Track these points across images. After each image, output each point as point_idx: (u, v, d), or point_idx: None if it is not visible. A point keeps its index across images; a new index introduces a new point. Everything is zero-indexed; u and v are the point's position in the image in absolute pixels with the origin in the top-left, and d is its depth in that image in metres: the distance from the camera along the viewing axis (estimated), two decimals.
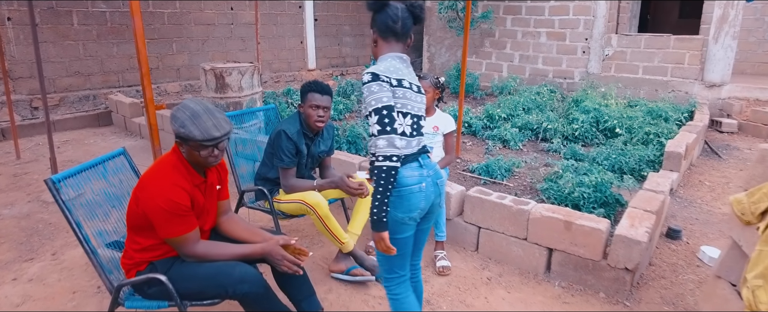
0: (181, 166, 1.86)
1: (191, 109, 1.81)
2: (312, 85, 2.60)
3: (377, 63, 1.77)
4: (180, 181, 1.81)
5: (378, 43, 1.80)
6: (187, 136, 1.77)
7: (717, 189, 4.29)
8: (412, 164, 1.75)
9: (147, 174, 1.85)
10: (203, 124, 1.78)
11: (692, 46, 7.30)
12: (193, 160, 1.86)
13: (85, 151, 5.13)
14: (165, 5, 7.37)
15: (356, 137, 4.91)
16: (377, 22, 1.77)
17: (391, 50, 1.79)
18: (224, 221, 2.09)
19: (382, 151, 1.61)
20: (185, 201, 1.80)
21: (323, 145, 2.78)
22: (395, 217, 1.73)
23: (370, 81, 1.65)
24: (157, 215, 1.76)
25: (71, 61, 6.56)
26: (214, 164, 1.90)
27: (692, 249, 3.14)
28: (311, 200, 2.49)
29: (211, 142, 1.78)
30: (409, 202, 1.73)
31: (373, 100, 1.63)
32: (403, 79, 1.74)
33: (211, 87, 4.65)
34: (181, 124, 1.77)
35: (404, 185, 1.71)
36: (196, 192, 1.88)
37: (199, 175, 1.91)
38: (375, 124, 1.63)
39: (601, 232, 2.52)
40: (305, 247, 3.02)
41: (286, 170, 2.57)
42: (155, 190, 1.77)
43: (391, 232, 1.74)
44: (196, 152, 1.81)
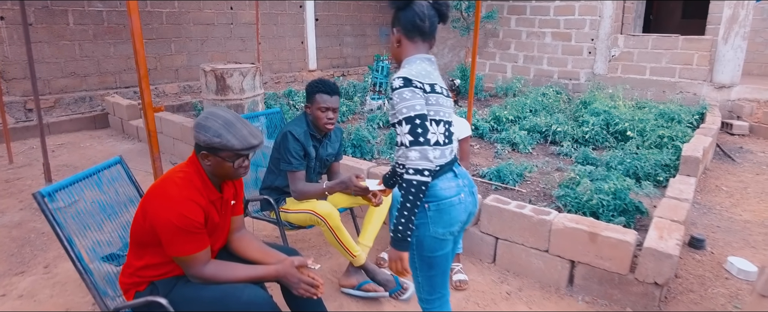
0: (197, 180, 1.71)
1: (223, 117, 1.68)
2: (319, 85, 2.45)
3: (405, 66, 1.62)
4: (195, 196, 1.66)
5: (402, 43, 1.66)
6: (223, 146, 1.64)
7: (735, 194, 4.15)
8: (447, 175, 1.62)
9: (158, 185, 1.70)
10: (240, 132, 1.67)
11: (701, 47, 7.17)
12: (219, 173, 1.72)
13: (80, 155, 4.96)
14: (163, 5, 7.21)
15: (361, 140, 4.76)
16: (402, 20, 1.63)
17: (418, 51, 1.64)
18: (236, 239, 1.94)
19: (413, 164, 1.46)
20: (199, 217, 1.65)
21: (331, 148, 2.63)
22: (435, 233, 1.59)
23: (402, 87, 1.50)
24: (167, 231, 1.61)
25: (67, 61, 6.39)
26: (243, 176, 1.78)
27: (718, 259, 3.00)
28: (322, 211, 2.34)
29: (249, 151, 1.68)
30: (450, 215, 1.59)
31: (405, 107, 1.49)
32: (435, 83, 1.61)
33: (211, 89, 4.50)
34: (215, 134, 1.64)
35: (443, 198, 1.58)
36: (211, 208, 1.73)
37: (215, 190, 1.76)
38: (407, 134, 1.48)
39: (629, 245, 2.37)
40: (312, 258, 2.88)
41: (295, 174, 2.41)
42: (167, 203, 1.61)
43: (429, 250, 1.61)
44: (229, 163, 1.68)
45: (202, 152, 1.69)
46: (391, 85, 1.53)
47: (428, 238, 1.59)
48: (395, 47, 1.68)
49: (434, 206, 1.57)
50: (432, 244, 1.60)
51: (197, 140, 1.68)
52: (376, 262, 2.79)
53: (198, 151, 1.71)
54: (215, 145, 1.64)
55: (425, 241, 1.60)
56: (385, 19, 10.95)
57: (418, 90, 1.52)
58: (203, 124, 1.67)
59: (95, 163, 4.70)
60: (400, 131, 1.51)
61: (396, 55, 1.69)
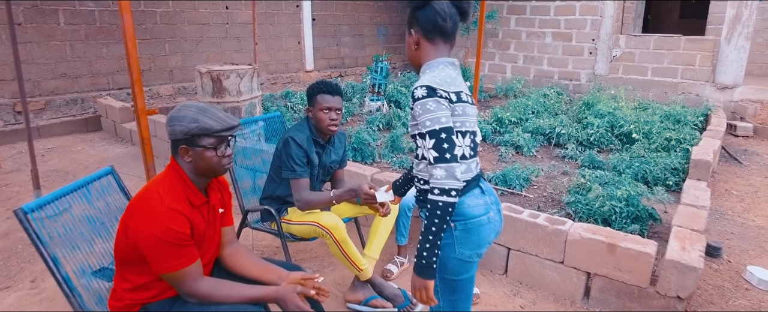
0: (179, 185, 1.58)
1: (195, 105, 1.60)
2: (321, 85, 2.32)
3: (426, 71, 1.48)
4: (179, 204, 1.53)
5: (421, 45, 1.50)
6: (203, 130, 1.54)
7: (746, 199, 4.06)
8: (474, 191, 1.48)
9: (137, 198, 1.56)
10: (215, 114, 1.59)
11: (704, 47, 7.09)
12: (203, 169, 1.60)
13: (71, 160, 4.80)
14: (157, 4, 7.04)
15: (362, 143, 4.63)
16: (421, 20, 1.47)
17: (439, 54, 1.49)
18: (229, 254, 1.80)
19: (439, 183, 1.33)
20: (184, 228, 1.51)
21: (335, 154, 2.50)
22: (461, 255, 1.46)
23: (426, 97, 1.36)
24: (150, 246, 1.47)
25: (58, 62, 6.21)
26: (228, 168, 1.66)
27: (736, 268, 2.89)
28: (327, 223, 2.20)
29: (229, 132, 1.58)
30: (479, 236, 1.47)
31: (429, 120, 1.35)
32: (461, 91, 1.47)
33: (207, 91, 4.35)
34: (191, 120, 1.54)
35: (471, 217, 1.45)
36: (197, 216, 1.60)
37: (201, 194, 1.63)
38: (431, 150, 1.35)
39: (650, 256, 2.26)
40: (316, 271, 2.75)
41: (299, 181, 2.27)
42: (147, 216, 1.48)
43: (453, 272, 1.48)
44: (212, 152, 1.57)
45: (181, 147, 1.57)
46: (412, 95, 1.39)
47: (453, 260, 1.47)
48: (413, 50, 1.52)
49: (461, 225, 1.44)
50: (457, 266, 1.48)
51: (173, 135, 1.57)
52: (383, 274, 2.66)
53: (176, 149, 1.59)
54: (193, 131, 1.54)
55: (449, 263, 1.47)
56: (383, 18, 10.82)
57: (444, 100, 1.38)
58: (176, 115, 1.57)
59: (87, 168, 4.54)
60: (422, 145, 1.38)
61: (414, 59, 1.54)
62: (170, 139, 1.60)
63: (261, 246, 3.00)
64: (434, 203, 1.34)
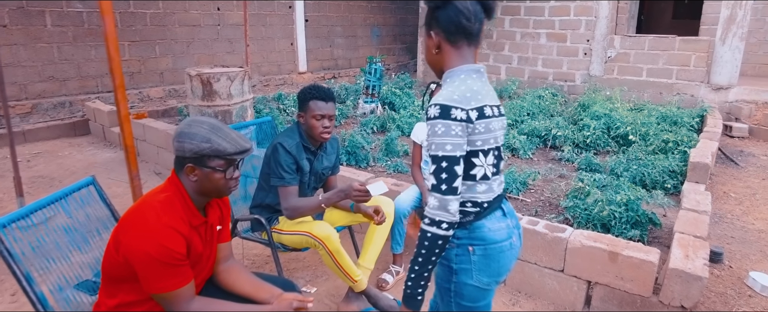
0: (178, 203, 1.50)
1: (208, 122, 1.51)
2: (313, 91, 2.23)
3: (446, 81, 1.33)
4: (175, 222, 1.44)
5: (443, 49, 1.33)
6: (215, 152, 1.46)
7: (745, 201, 4.02)
8: (495, 213, 1.36)
9: (133, 212, 1.48)
10: (229, 135, 1.50)
11: (698, 48, 7.07)
12: (207, 189, 1.52)
13: (58, 165, 4.68)
14: (147, 5, 6.93)
15: (356, 147, 4.55)
16: (442, 21, 1.30)
17: (463, 60, 1.32)
18: (223, 271, 1.71)
19: (430, 213, 1.24)
20: (181, 248, 1.43)
21: (327, 160, 2.41)
22: (479, 282, 1.35)
23: (437, 117, 1.23)
24: (143, 265, 1.39)
25: (44, 64, 6.09)
26: (234, 189, 1.58)
27: (737, 274, 2.84)
28: (319, 233, 2.12)
29: (242, 156, 1.50)
30: (499, 263, 1.35)
31: (434, 144, 1.24)
32: (485, 105, 1.30)
33: (197, 94, 4.25)
34: (203, 139, 1.45)
35: (492, 242, 1.34)
36: (195, 236, 1.52)
37: (199, 213, 1.55)
38: (431, 175, 1.25)
39: (652, 265, 2.19)
40: (308, 281, 2.66)
41: (287, 189, 2.19)
42: (143, 232, 1.40)
43: (469, 299, 1.37)
44: (220, 174, 1.49)
45: (188, 166, 1.48)
46: (429, 109, 1.27)
47: (470, 287, 1.35)
48: (433, 54, 1.36)
49: (481, 250, 1.33)
50: (473, 293, 1.36)
51: (181, 151, 1.48)
52: (378, 284, 2.58)
53: (181, 166, 1.50)
54: (204, 152, 1.45)
55: (466, 290, 1.36)
56: (377, 19, 10.74)
57: (458, 123, 1.23)
58: (187, 131, 1.47)
59: (74, 174, 4.43)
60: (428, 167, 1.31)
61: (434, 64, 1.38)
62: (176, 155, 1.51)
63: (252, 255, 2.91)
64: (423, 233, 1.25)
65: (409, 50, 11.66)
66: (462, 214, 1.31)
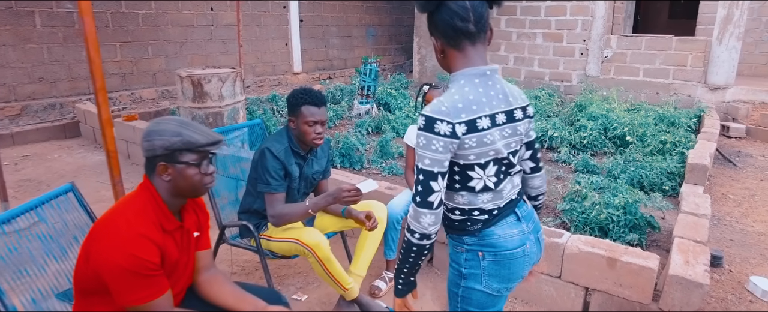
0: (151, 208, 1.44)
1: (176, 119, 1.47)
2: (304, 95, 2.15)
3: (449, 87, 1.26)
4: (147, 230, 1.38)
5: (447, 53, 1.26)
6: (186, 144, 1.41)
7: (743, 203, 3.97)
8: (507, 219, 1.31)
9: (101, 221, 1.41)
10: (199, 128, 1.47)
11: (695, 48, 7.03)
12: (182, 188, 1.46)
13: (46, 168, 4.59)
14: (139, 5, 6.84)
15: (350, 149, 4.49)
16: (439, 25, 1.24)
17: (468, 62, 1.24)
18: (204, 282, 1.64)
19: (408, 221, 1.25)
20: (153, 257, 1.36)
21: (317, 165, 2.34)
22: (488, 288, 1.31)
23: (422, 129, 1.19)
24: (114, 276, 1.32)
25: (34, 66, 6.00)
26: (210, 188, 1.52)
27: (738, 278, 2.79)
28: (309, 240, 2.05)
29: (215, 147, 1.46)
30: (510, 270, 1.31)
31: (417, 155, 1.20)
32: (481, 116, 1.21)
33: (188, 96, 4.18)
34: (173, 134, 1.41)
35: (503, 249, 1.29)
36: (169, 242, 1.45)
37: (174, 218, 1.48)
38: (417, 185, 1.21)
39: (652, 271, 2.13)
40: (299, 288, 2.59)
41: (274, 196, 2.11)
42: (113, 242, 1.33)
43: (477, 305, 1.34)
44: (194, 169, 1.44)
45: (160, 164, 1.43)
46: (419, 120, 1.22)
47: (479, 293, 1.32)
48: (440, 58, 1.30)
49: (491, 256, 1.29)
50: (482, 299, 1.33)
51: (151, 150, 1.43)
52: (371, 291, 2.51)
53: (152, 167, 1.45)
54: (176, 146, 1.41)
55: (474, 295, 1.33)
56: (372, 19, 10.68)
57: (440, 138, 1.17)
58: (155, 129, 1.43)
59: (62, 177, 4.34)
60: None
61: (444, 68, 1.32)
62: (146, 156, 1.45)
63: (242, 261, 2.84)
64: (407, 241, 1.26)
65: (404, 50, 11.60)
66: (470, 222, 1.29)
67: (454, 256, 1.36)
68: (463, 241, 1.31)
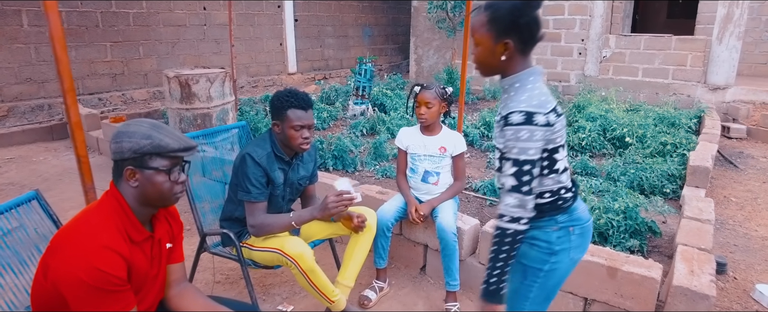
0: (118, 217, 1.33)
1: (148, 122, 1.37)
2: (290, 98, 2.02)
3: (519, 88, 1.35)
4: (113, 241, 1.27)
5: (513, 56, 1.35)
6: (157, 148, 1.31)
7: (746, 206, 3.86)
8: (578, 197, 1.53)
9: (62, 232, 1.30)
10: (172, 132, 1.36)
11: (695, 47, 6.94)
12: (150, 196, 1.35)
13: (31, 171, 4.47)
14: (130, 5, 6.72)
15: (343, 151, 4.37)
16: (522, 30, 1.33)
17: (528, 64, 1.38)
18: (176, 296, 1.53)
19: (510, 212, 1.32)
20: (119, 271, 1.25)
21: (303, 169, 2.22)
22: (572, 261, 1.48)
23: (522, 123, 1.29)
24: (74, 292, 1.21)
25: (21, 66, 5.87)
26: (179, 197, 1.41)
27: (743, 286, 2.68)
28: (291, 250, 1.94)
29: (187, 153, 1.35)
30: (587, 240, 1.52)
31: (517, 148, 1.29)
32: (553, 107, 1.37)
33: (175, 96, 4.06)
34: (143, 136, 1.30)
35: (585, 221, 1.50)
36: (137, 254, 1.34)
37: (143, 228, 1.37)
38: (511, 176, 1.32)
39: (654, 282, 2.03)
40: (285, 298, 2.48)
41: (255, 205, 2.00)
42: (73, 254, 1.22)
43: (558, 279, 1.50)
44: (164, 176, 1.33)
45: (127, 169, 1.32)
46: (507, 119, 1.30)
47: (563, 266, 1.47)
48: (499, 60, 1.35)
49: (579, 230, 1.47)
50: (564, 272, 1.50)
51: (119, 153, 1.32)
52: (360, 302, 2.40)
53: (120, 171, 1.34)
54: (145, 149, 1.30)
55: (560, 268, 1.47)
56: (369, 19, 10.57)
57: (540, 128, 1.29)
58: (125, 130, 1.33)
59: (46, 180, 4.22)
60: (504, 168, 1.35)
61: (497, 69, 1.38)
62: (113, 159, 1.35)
63: (226, 270, 2.72)
64: (503, 230, 1.32)
65: (401, 50, 11.49)
66: (561, 200, 1.44)
67: (543, 236, 1.44)
68: (556, 221, 1.44)
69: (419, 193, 2.51)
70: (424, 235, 2.63)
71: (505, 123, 1.32)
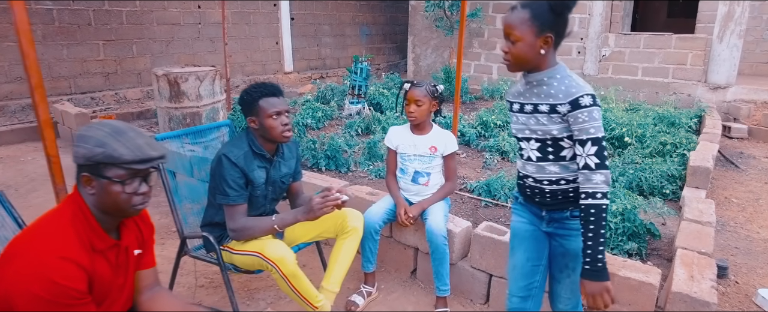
0: (79, 224, 1.23)
1: (111, 126, 1.25)
2: (260, 88, 1.94)
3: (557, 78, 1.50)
4: (71, 251, 1.18)
5: (548, 50, 1.48)
6: (109, 158, 1.19)
7: (748, 208, 3.77)
8: None
9: (17, 240, 1.22)
10: (132, 141, 1.23)
11: (695, 46, 6.84)
12: (107, 207, 1.25)
13: (17, 171, 4.38)
14: (123, 3, 6.64)
15: (336, 151, 4.28)
16: (560, 23, 1.47)
17: (555, 58, 1.53)
18: (146, 301, 1.45)
19: (601, 188, 1.42)
20: (78, 283, 1.17)
21: (285, 166, 2.13)
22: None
23: (593, 105, 1.45)
24: (27, 307, 1.12)
25: (11, 65, 5.79)
26: (140, 209, 1.29)
27: (745, 291, 2.59)
28: (272, 254, 1.85)
29: (143, 165, 1.23)
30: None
31: (593, 127, 1.44)
32: None
33: (164, 95, 3.98)
34: (97, 143, 1.20)
35: None
36: (100, 263, 1.25)
37: (107, 235, 1.28)
38: (593, 156, 1.43)
39: (653, 287, 1.94)
40: (270, 304, 2.39)
41: (234, 208, 1.92)
42: (27, 266, 1.13)
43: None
44: (118, 187, 1.22)
45: (83, 175, 1.23)
46: (577, 101, 1.44)
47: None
48: (539, 54, 1.47)
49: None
50: None
51: (75, 157, 1.23)
52: (347, 307, 2.31)
53: (78, 176, 1.25)
54: (97, 158, 1.19)
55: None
56: (366, 18, 10.48)
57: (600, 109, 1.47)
58: (83, 134, 1.23)
59: (33, 180, 4.13)
60: (582, 151, 1.45)
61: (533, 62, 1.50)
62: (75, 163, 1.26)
63: (211, 273, 2.64)
64: (598, 207, 1.41)
65: (399, 50, 11.40)
66: None
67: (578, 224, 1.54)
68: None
69: (409, 195, 2.42)
70: (414, 237, 2.54)
71: (572, 108, 1.44)
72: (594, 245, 1.41)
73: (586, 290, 1.43)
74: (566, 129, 1.49)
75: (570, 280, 1.63)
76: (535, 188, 1.60)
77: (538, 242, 1.67)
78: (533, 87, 1.54)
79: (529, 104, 1.56)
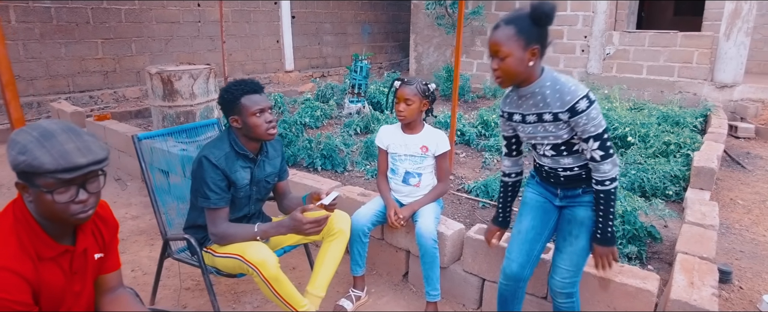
0: (22, 231, 1.16)
1: (42, 128, 1.14)
2: (241, 86, 1.87)
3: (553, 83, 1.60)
4: (11, 260, 1.11)
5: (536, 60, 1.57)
6: (30, 167, 1.09)
7: (754, 210, 3.67)
8: None
9: None
10: (58, 146, 1.11)
11: (701, 44, 6.72)
12: (48, 216, 1.16)
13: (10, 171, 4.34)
14: (121, 2, 6.61)
15: (332, 150, 4.21)
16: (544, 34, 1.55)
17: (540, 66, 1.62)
18: (108, 303, 1.38)
19: (614, 173, 1.62)
20: (20, 294, 1.10)
21: (270, 166, 2.07)
22: None
23: (589, 106, 1.56)
24: None
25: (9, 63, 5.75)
26: (84, 218, 1.18)
27: (749, 296, 2.49)
28: (253, 257, 1.78)
29: (71, 174, 1.11)
30: None
31: (593, 126, 1.57)
32: None
33: (157, 94, 3.92)
34: (21, 150, 1.10)
35: None
36: (48, 271, 1.18)
37: (54, 242, 1.20)
38: (597, 150, 1.59)
39: (651, 294, 1.85)
40: (256, 307, 2.33)
41: (215, 212, 1.86)
42: None
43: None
44: (48, 197, 1.11)
45: (18, 183, 1.15)
46: (574, 108, 1.55)
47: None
48: (527, 66, 1.56)
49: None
50: None
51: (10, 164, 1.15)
52: (335, 310, 2.24)
53: (16, 183, 1.17)
54: (20, 166, 1.10)
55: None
56: (368, 16, 10.41)
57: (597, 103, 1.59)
58: (12, 138, 1.14)
59: None
60: (587, 147, 1.60)
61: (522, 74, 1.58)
62: None
63: (197, 275, 2.57)
64: (607, 192, 1.63)
65: (401, 48, 11.32)
66: None
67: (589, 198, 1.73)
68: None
69: (400, 196, 2.35)
70: (405, 240, 2.47)
71: (572, 114, 1.55)
72: (604, 221, 1.66)
73: (596, 252, 1.72)
74: (572, 131, 1.62)
75: (572, 249, 1.73)
76: (550, 173, 1.75)
77: (546, 214, 1.82)
78: (528, 99, 1.64)
79: (530, 114, 1.66)
